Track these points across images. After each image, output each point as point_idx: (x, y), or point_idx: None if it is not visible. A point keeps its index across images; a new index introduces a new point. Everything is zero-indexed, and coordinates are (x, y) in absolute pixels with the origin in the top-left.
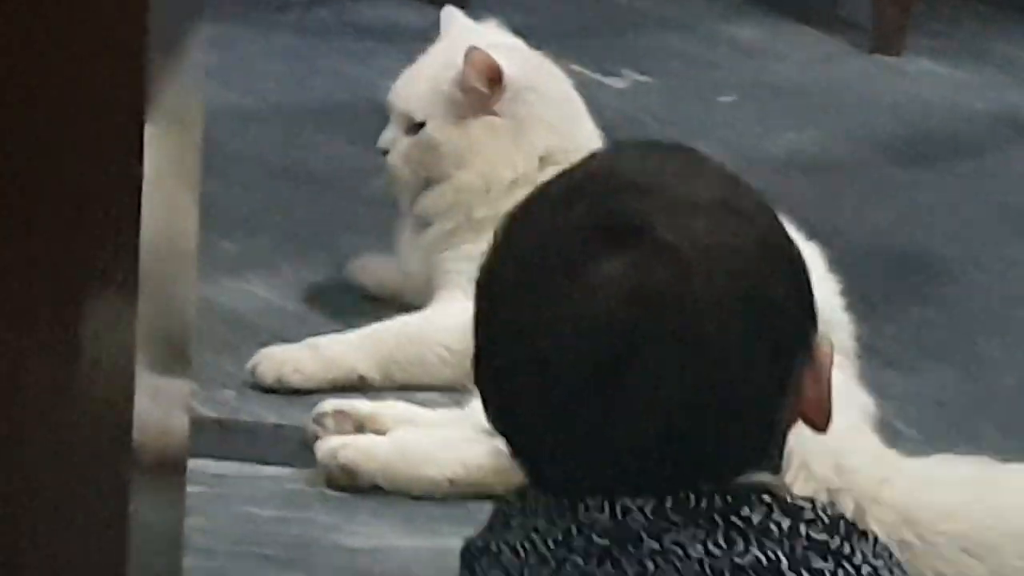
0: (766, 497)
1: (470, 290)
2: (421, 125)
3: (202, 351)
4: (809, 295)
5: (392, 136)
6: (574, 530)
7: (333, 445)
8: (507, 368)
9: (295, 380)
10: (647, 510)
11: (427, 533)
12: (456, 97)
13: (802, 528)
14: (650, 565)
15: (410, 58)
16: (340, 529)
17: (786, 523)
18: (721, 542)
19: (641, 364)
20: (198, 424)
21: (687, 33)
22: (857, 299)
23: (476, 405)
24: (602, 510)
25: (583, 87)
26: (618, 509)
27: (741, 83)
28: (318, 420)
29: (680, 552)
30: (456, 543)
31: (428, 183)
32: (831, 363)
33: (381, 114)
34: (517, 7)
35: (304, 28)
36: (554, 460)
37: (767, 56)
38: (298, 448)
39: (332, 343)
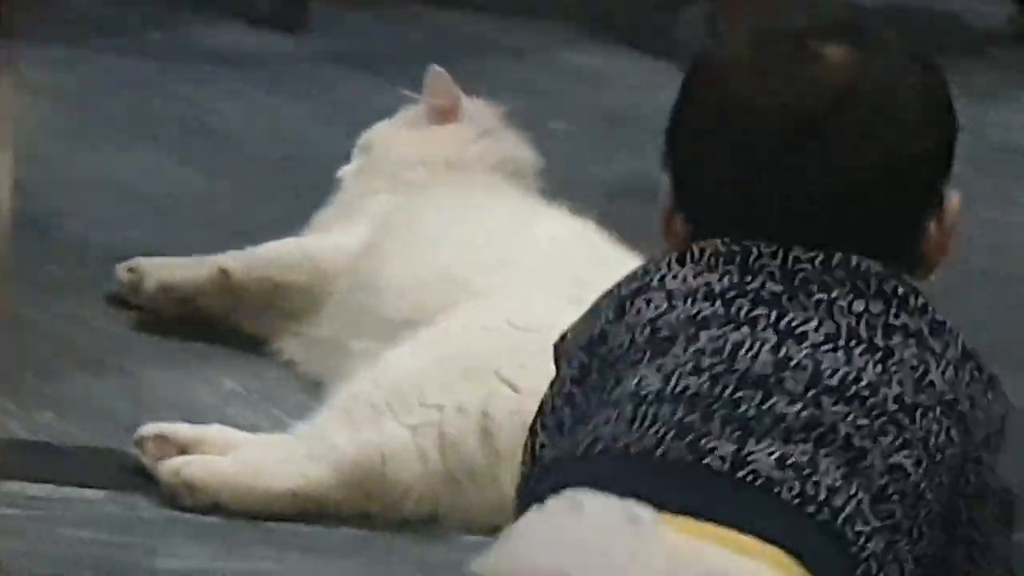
0: (905, 280)
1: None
2: None
3: (23, 373)
4: (953, 149)
5: None
6: (748, 276)
7: (176, 463)
8: (717, 121)
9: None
10: (817, 262)
11: (242, 557)
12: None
13: (930, 308)
14: (813, 313)
15: (246, 81)
16: (157, 552)
17: (920, 301)
18: (879, 303)
19: (841, 125)
20: (16, 446)
21: (522, 60)
22: None
23: (320, 421)
24: (775, 257)
25: None
26: (790, 258)
27: (575, 109)
28: (139, 444)
29: (844, 305)
30: (271, 566)
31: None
32: (956, 216)
33: (212, 136)
34: (350, 32)
35: (142, 51)
36: (743, 205)
37: (602, 83)
38: (116, 471)
39: None
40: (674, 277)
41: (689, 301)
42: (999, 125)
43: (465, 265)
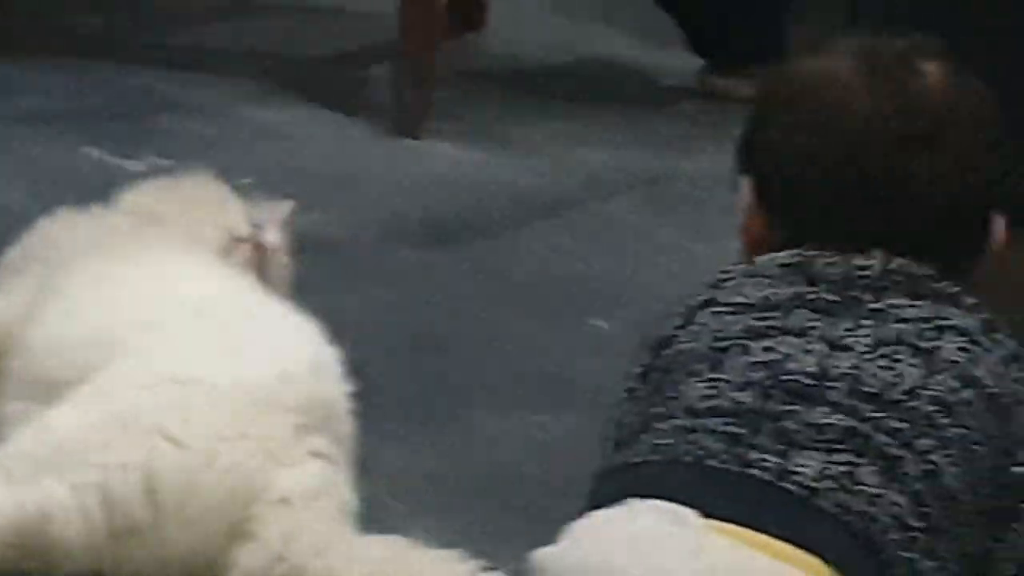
0: (957, 281)
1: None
2: None
3: None
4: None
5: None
6: (809, 286)
7: None
8: (820, 130)
9: None
10: (875, 270)
11: None
12: None
13: (983, 309)
14: (862, 321)
15: None
16: None
17: (972, 300)
18: (930, 305)
19: (948, 140)
20: None
21: (209, 117)
22: (359, 375)
23: None
24: (835, 266)
25: (102, 171)
26: (851, 267)
27: (262, 166)
28: None
29: (896, 312)
30: None
31: None
32: (1001, 235)
33: None
34: (36, 91)
35: None
36: (843, 210)
37: (290, 140)
38: None
39: None
40: (741, 288)
41: (751, 312)
42: (685, 176)
43: (115, 324)
